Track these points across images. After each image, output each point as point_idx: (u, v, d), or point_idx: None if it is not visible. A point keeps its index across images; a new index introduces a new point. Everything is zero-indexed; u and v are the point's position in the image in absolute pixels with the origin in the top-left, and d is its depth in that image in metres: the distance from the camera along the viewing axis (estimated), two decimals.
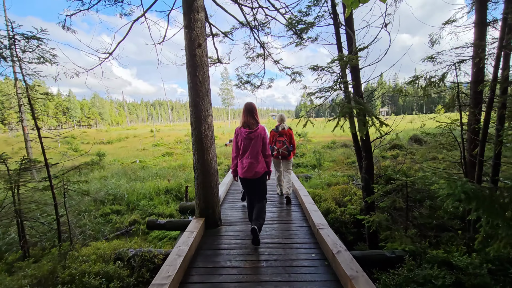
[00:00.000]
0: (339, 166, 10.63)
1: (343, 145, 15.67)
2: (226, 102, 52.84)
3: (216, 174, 3.80)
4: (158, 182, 7.51)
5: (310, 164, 10.31)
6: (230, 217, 4.20)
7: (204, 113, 3.56)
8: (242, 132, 3.14)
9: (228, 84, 52.61)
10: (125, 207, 6.04)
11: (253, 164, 3.10)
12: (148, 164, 12.02)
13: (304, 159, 11.64)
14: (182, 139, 21.83)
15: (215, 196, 3.75)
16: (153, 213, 5.58)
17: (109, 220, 5.41)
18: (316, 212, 3.75)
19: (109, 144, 23.08)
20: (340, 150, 13.97)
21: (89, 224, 4.84)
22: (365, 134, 3.34)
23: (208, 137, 3.61)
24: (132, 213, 5.71)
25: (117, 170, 10.06)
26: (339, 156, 12.15)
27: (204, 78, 3.57)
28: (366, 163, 3.64)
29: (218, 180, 3.85)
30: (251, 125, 3.12)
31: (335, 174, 8.41)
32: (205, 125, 3.58)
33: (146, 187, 6.98)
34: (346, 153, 12.45)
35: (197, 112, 3.54)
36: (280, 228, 3.65)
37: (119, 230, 5.06)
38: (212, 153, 3.68)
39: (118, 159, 13.74)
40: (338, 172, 9.57)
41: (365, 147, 3.67)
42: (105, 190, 6.56)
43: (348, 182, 7.36)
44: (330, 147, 15.24)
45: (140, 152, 16.71)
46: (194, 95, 3.53)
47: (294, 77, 5.05)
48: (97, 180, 8.20)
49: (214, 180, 3.73)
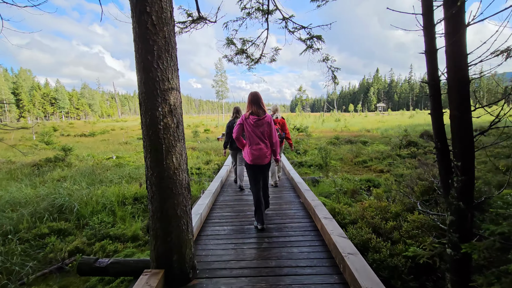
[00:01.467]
0: (348, 166, 9.14)
1: (348, 141, 14.20)
2: (220, 94, 50.93)
3: (187, 193, 2.21)
4: (126, 186, 5.87)
5: (315, 163, 8.79)
6: (215, 255, 2.64)
7: (161, 84, 1.95)
8: (251, 119, 3.12)
9: (222, 76, 50.64)
10: (73, 224, 4.41)
11: (262, 150, 3.15)
12: (126, 161, 10.33)
13: (307, 157, 10.12)
14: None
15: (183, 231, 2.16)
16: (108, 236, 3.97)
17: (43, 246, 3.79)
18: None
19: (91, 137, 21.15)
20: (345, 147, 12.49)
21: (1, 258, 3.21)
22: (465, 121, 1.77)
23: (169, 129, 2.00)
24: (79, 235, 4.08)
25: (85, 168, 8.36)
26: (346, 154, 10.67)
27: (163, 19, 1.94)
28: (463, 180, 1.93)
29: (189, 201, 2.26)
30: (259, 113, 3.12)
31: (347, 177, 6.90)
32: (163, 106, 1.96)
33: (109, 194, 5.34)
34: (354, 151, 10.97)
35: (148, 83, 1.93)
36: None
37: (52, 264, 3.45)
38: (178, 157, 2.08)
39: (93, 154, 11.99)
40: (349, 173, 8.08)
41: (461, 149, 1.90)
42: (51, 198, 4.89)
43: (368, 189, 5.85)
44: (333, 143, 13.75)
45: (121, 146, 14.95)
46: (143, 50, 1.91)
47: (311, 43, 3.44)
48: (52, 182, 6.52)
49: (182, 204, 2.14)
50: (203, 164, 8.36)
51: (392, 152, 10.14)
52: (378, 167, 8.24)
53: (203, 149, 12.58)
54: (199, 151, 11.94)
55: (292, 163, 8.66)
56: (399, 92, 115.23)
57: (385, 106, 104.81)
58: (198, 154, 11.12)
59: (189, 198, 2.25)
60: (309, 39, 3.46)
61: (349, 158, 10.15)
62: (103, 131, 25.24)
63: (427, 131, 13.70)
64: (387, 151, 10.60)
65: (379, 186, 6.00)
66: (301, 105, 54.44)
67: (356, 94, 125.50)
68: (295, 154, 10.90)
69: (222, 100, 52.40)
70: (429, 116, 2.08)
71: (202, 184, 6.39)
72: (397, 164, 8.41)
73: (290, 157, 10.31)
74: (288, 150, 11.43)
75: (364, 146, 12.81)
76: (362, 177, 6.64)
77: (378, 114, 58.47)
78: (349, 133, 19.64)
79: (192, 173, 7.52)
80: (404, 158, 9.09)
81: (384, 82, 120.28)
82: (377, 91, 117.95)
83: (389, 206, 3.45)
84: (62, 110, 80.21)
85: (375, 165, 8.64)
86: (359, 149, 11.37)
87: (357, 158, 9.94)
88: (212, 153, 11.31)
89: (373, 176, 7.23)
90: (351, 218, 3.62)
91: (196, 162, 9.21)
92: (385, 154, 9.77)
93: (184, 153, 2.16)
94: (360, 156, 10.16)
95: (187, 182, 2.21)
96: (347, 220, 3.61)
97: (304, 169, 8.61)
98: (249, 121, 3.12)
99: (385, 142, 13.99)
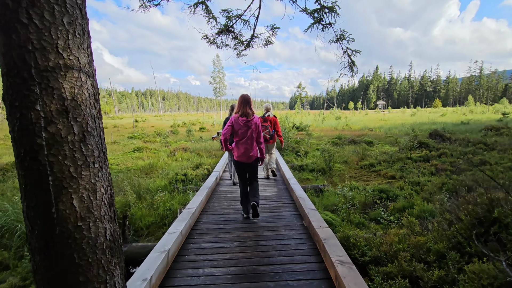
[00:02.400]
0: (353, 170, 8.21)
1: (351, 141, 13.26)
2: (218, 91, 49.81)
3: (111, 256, 1.25)
4: None
5: (318, 167, 7.85)
6: None
7: (40, 57, 0.98)
8: (240, 120, 3.34)
9: (220, 72, 49.49)
10: (13, 253, 3.45)
11: (248, 149, 3.42)
12: (110, 163, 9.35)
13: (308, 160, 9.17)
14: (164, 131, 19.05)
15: None
16: None
17: None
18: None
19: None
20: (349, 148, 11.55)
21: None
22: None
23: (61, 145, 1.04)
24: (16, 271, 3.13)
25: None
26: (351, 156, 9.73)
27: None
28: None
29: (121, 270, 1.30)
30: (248, 115, 3.36)
31: (356, 185, 5.97)
32: (47, 102, 1.00)
33: None
34: (359, 152, 10.04)
35: (11, 55, 0.97)
36: None
37: None
38: (86, 197, 1.12)
39: None
40: (355, 179, 7.16)
41: None
42: None
43: (381, 201, 4.92)
44: (336, 144, 12.80)
45: (109, 146, 13.93)
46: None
47: (319, 15, 2.47)
48: (11, 192, 5.54)
49: (98, 281, 1.18)
50: (191, 170, 7.39)
51: (401, 154, 9.21)
52: (389, 173, 7.31)
53: (195, 149, 11.61)
54: (191, 152, 10.97)
55: (292, 168, 7.72)
56: (398, 89, 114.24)
57: (385, 104, 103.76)
58: (189, 156, 10.15)
59: (119, 264, 1.30)
60: (318, 11, 2.48)
61: (354, 160, 9.21)
62: None
63: (437, 131, 12.78)
64: (395, 153, 9.67)
65: (395, 199, 5.07)
66: (300, 103, 53.46)
67: (356, 92, 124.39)
68: (294, 156, 9.95)
69: (219, 97, 51.30)
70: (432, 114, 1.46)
71: (187, 195, 5.44)
72: (409, 169, 7.48)
73: (289, 160, 9.36)
74: (287, 151, 10.51)
75: (369, 147, 11.87)
76: (374, 186, 5.69)
77: (379, 112, 57.57)
78: (351, 132, 18.70)
79: (177, 180, 6.56)
80: (417, 162, 8.16)
81: (383, 80, 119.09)
82: (376, 88, 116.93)
83: (427, 241, 2.50)
84: None
85: (385, 169, 7.71)
86: (364, 150, 10.43)
87: (363, 161, 9.00)
88: (204, 155, 10.34)
89: (385, 184, 6.30)
90: (373, 255, 2.69)
91: (185, 165, 8.25)
92: (394, 157, 8.83)
93: (104, 187, 1.21)
94: (366, 158, 9.22)
95: (113, 236, 1.25)
96: (367, 258, 2.67)
97: (305, 174, 7.67)
98: (238, 122, 3.35)
99: (391, 143, 13.07)
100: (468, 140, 11.18)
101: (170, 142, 14.02)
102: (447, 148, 9.28)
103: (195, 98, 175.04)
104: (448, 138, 12.06)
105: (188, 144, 13.42)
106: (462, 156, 8.21)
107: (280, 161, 7.20)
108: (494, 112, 36.85)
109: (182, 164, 8.67)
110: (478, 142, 10.43)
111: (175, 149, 11.65)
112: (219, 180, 5.96)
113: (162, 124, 32.54)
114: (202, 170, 7.31)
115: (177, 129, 22.10)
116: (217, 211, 4.08)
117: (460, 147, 9.82)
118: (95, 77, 1.18)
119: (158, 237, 4.10)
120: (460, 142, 11.04)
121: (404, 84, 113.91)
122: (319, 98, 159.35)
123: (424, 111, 54.70)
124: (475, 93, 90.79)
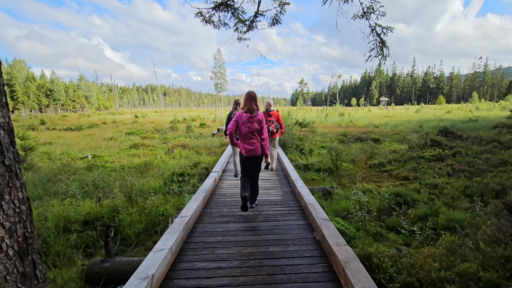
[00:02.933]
0: (362, 170, 7.69)
1: (357, 139, 12.71)
2: (219, 87, 49.11)
3: None
4: (77, 203, 4.41)
5: (324, 166, 7.32)
6: None
7: None
8: (244, 116, 3.46)
9: (221, 68, 48.73)
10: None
11: (253, 144, 3.53)
12: (104, 161, 8.88)
13: (314, 158, 8.65)
14: (163, 127, 18.52)
15: None
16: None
17: None
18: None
19: (77, 131, 19.61)
20: (355, 146, 11.01)
21: None
22: None
23: None
24: None
25: (47, 172, 6.92)
26: (359, 155, 9.20)
27: None
28: None
29: None
30: (253, 111, 3.46)
31: (368, 188, 5.45)
32: None
33: (51, 216, 3.91)
34: (367, 150, 9.50)
35: None
36: None
37: None
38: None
39: (69, 152, 10.52)
40: (366, 179, 6.64)
41: None
42: None
43: (400, 207, 4.40)
44: (341, 141, 12.26)
45: (105, 142, 13.45)
46: None
47: None
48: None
49: None
50: (189, 169, 6.89)
51: (412, 153, 8.67)
52: (401, 173, 6.78)
53: (194, 146, 11.11)
54: (190, 150, 10.47)
55: (296, 167, 7.21)
56: (401, 86, 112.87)
57: (388, 100, 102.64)
58: (187, 154, 9.66)
59: None
60: None
61: (362, 159, 8.68)
62: (92, 124, 23.68)
63: (447, 128, 12.19)
64: (405, 151, 9.14)
65: (414, 204, 4.56)
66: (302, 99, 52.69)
67: (358, 88, 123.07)
68: (299, 154, 9.43)
69: (221, 92, 50.62)
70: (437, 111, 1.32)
71: (182, 198, 4.95)
72: (423, 169, 6.95)
73: (294, 158, 8.84)
74: (291, 149, 10.00)
75: (376, 144, 11.34)
76: (388, 188, 5.17)
77: (382, 108, 56.73)
78: (356, 128, 18.12)
79: (173, 180, 6.07)
80: (430, 161, 7.63)
81: (386, 76, 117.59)
82: (379, 85, 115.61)
83: (478, 269, 2.00)
84: (57, 102, 78.27)
85: (396, 169, 7.18)
86: (372, 148, 9.90)
87: (371, 160, 8.47)
88: (203, 153, 9.83)
89: (398, 185, 5.79)
90: (403, 280, 2.19)
91: (183, 164, 7.76)
92: (405, 156, 8.30)
93: (8, 225, 0.70)
94: (375, 157, 8.69)
95: None
96: (397, 285, 2.17)
97: (310, 173, 7.16)
98: (243, 118, 3.47)
99: (399, 140, 12.52)
100: (481, 138, 10.61)
101: (169, 139, 13.51)
102: (461, 147, 8.72)
103: (196, 94, 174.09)
104: (459, 136, 11.49)
105: (188, 141, 12.92)
106: (479, 155, 7.67)
107: (284, 160, 6.69)
108: (501, 109, 36.08)
109: (180, 162, 8.18)
110: (492, 140, 9.86)
111: (173, 146, 11.16)
112: (219, 181, 5.46)
113: (162, 119, 32.02)
114: (201, 170, 6.81)
115: (177, 125, 21.60)
116: (215, 218, 3.59)
117: (474, 145, 9.25)
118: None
119: (149, 247, 3.62)
120: (472, 140, 10.48)
121: (407, 80, 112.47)
122: (321, 94, 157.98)
123: (428, 107, 53.84)
124: (479, 90, 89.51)
